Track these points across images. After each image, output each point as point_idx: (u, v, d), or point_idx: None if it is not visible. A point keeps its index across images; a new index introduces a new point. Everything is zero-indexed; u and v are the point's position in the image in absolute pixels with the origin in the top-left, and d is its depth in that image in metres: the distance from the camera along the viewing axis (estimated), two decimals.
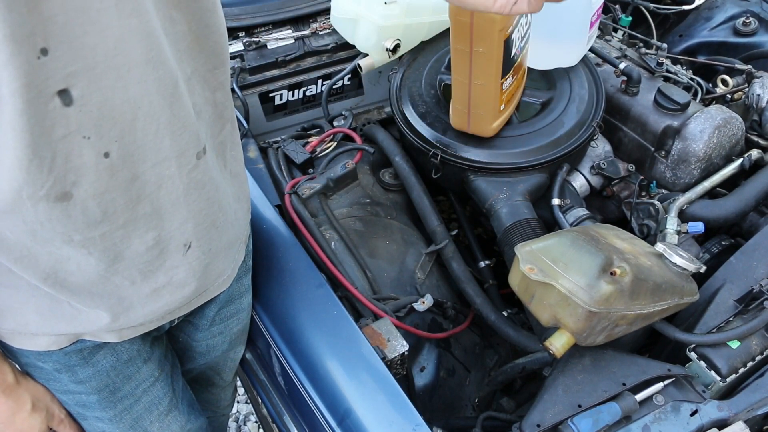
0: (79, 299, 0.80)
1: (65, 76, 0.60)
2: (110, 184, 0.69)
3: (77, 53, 0.60)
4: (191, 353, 1.13)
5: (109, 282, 0.79)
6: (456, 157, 1.34)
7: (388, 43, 1.56)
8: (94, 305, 0.81)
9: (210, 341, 1.10)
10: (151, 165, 0.72)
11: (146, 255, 0.79)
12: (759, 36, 1.71)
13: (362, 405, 0.94)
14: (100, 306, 0.82)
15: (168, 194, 0.76)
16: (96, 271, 0.76)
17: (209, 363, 1.17)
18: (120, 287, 0.80)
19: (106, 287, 0.79)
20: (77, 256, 0.74)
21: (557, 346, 0.94)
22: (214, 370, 1.21)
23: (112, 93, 0.64)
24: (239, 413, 2.08)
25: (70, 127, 0.63)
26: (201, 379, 1.24)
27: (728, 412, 0.95)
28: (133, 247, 0.77)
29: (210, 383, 1.26)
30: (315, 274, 1.09)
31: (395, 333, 1.09)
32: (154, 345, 1.00)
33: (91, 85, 0.62)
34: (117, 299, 0.82)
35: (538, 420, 0.92)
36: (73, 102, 0.62)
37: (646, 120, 1.39)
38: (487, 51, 1.18)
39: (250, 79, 1.66)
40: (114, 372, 0.93)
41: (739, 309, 1.05)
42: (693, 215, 1.29)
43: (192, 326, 1.07)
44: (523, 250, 0.99)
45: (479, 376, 1.38)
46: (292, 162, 1.49)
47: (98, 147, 0.66)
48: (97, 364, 0.91)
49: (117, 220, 0.73)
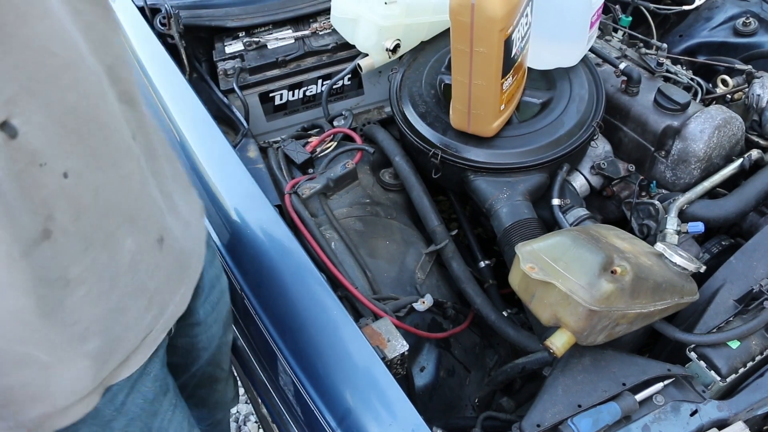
0: (98, 337, 0.75)
1: (1, 107, 0.55)
2: (79, 204, 0.66)
3: (6, 77, 0.56)
4: (195, 353, 1.13)
5: (115, 304, 0.76)
6: (456, 157, 1.34)
7: (388, 43, 1.56)
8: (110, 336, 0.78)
9: (209, 332, 1.10)
10: (110, 167, 0.69)
11: (132, 263, 0.76)
12: (759, 36, 1.71)
13: (362, 405, 0.94)
14: (112, 333, 0.78)
15: (132, 192, 0.74)
16: (101, 300, 0.73)
17: (210, 357, 1.16)
18: (124, 304, 0.77)
19: (115, 311, 0.76)
20: (80, 292, 0.70)
21: (558, 346, 0.94)
22: (214, 363, 1.20)
23: (51, 108, 0.60)
24: (239, 413, 2.08)
25: (25, 159, 0.58)
26: (204, 380, 1.23)
27: (728, 412, 0.95)
28: (120, 262, 0.74)
29: (213, 380, 1.26)
30: (315, 274, 1.09)
31: (395, 333, 1.08)
32: (166, 374, 0.98)
33: (30, 107, 0.58)
34: (122, 319, 0.79)
35: (538, 420, 0.91)
36: (18, 133, 0.57)
37: (646, 120, 1.39)
38: (488, 51, 1.18)
39: (250, 79, 1.66)
40: (144, 414, 0.91)
41: (739, 309, 1.05)
42: (693, 215, 1.29)
43: (190, 326, 1.06)
44: (523, 249, 0.99)
45: (479, 376, 1.38)
46: (292, 162, 1.49)
47: (56, 169, 0.62)
48: (129, 412, 0.88)
49: (98, 240, 0.70)
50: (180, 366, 1.13)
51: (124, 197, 0.73)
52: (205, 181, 1.26)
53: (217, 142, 1.30)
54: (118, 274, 0.75)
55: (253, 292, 1.12)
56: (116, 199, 0.72)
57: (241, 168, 1.24)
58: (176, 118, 1.37)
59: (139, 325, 0.82)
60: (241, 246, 1.17)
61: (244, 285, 1.13)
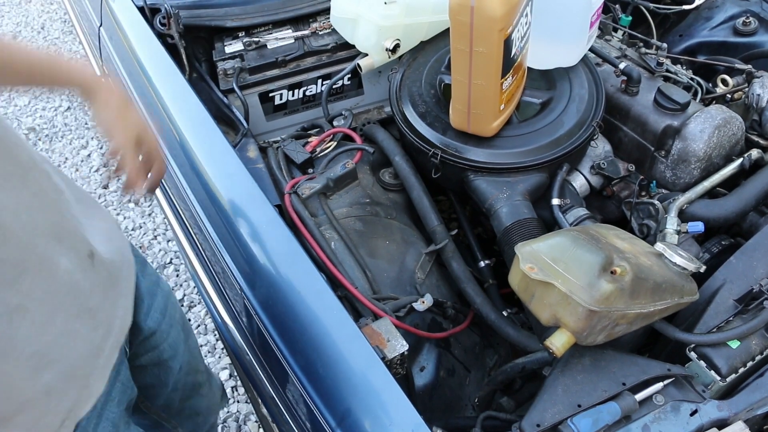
0: (54, 366, 0.75)
1: None
2: (1, 228, 0.65)
3: None
4: (164, 365, 1.12)
5: (63, 328, 0.75)
6: (456, 157, 1.34)
7: (388, 43, 1.56)
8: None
9: (168, 339, 1.10)
10: (20, 186, 0.68)
11: (71, 284, 0.75)
12: (759, 36, 1.71)
13: (362, 405, 0.94)
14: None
15: (51, 209, 0.73)
16: (47, 326, 0.72)
17: (185, 366, 1.15)
18: (71, 327, 0.77)
19: (64, 336, 0.75)
20: (26, 322, 0.70)
21: (557, 346, 0.94)
22: (191, 371, 1.20)
23: None
24: (239, 413, 2.08)
25: None
26: (188, 390, 1.22)
27: (728, 412, 0.94)
28: (58, 283, 0.73)
29: (197, 386, 1.25)
30: (315, 273, 1.09)
31: (395, 333, 1.08)
32: (129, 394, 0.98)
33: None
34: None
35: (537, 420, 0.91)
36: None
37: (646, 120, 1.39)
38: (487, 51, 1.18)
39: (250, 78, 1.66)
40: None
41: (739, 309, 1.05)
42: (693, 215, 1.29)
43: (145, 340, 1.06)
44: (523, 249, 0.99)
45: (479, 376, 1.38)
46: (292, 162, 1.49)
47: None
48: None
49: (31, 264, 0.69)
50: (156, 386, 1.12)
51: (43, 215, 0.72)
52: (205, 181, 1.26)
53: (217, 142, 1.30)
54: (59, 296, 0.73)
55: (252, 293, 1.12)
56: (38, 218, 0.70)
57: (241, 168, 1.24)
58: (176, 118, 1.37)
59: (89, 346, 0.81)
60: (241, 246, 1.17)
61: (244, 285, 1.13)
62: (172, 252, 2.63)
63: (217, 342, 2.28)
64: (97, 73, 0.82)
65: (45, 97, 3.52)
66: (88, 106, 0.95)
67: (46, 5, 4.37)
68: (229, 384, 2.15)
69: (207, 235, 1.23)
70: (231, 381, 2.16)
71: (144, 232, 2.72)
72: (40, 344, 0.72)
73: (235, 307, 1.20)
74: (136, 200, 0.98)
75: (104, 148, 3.15)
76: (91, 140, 3.21)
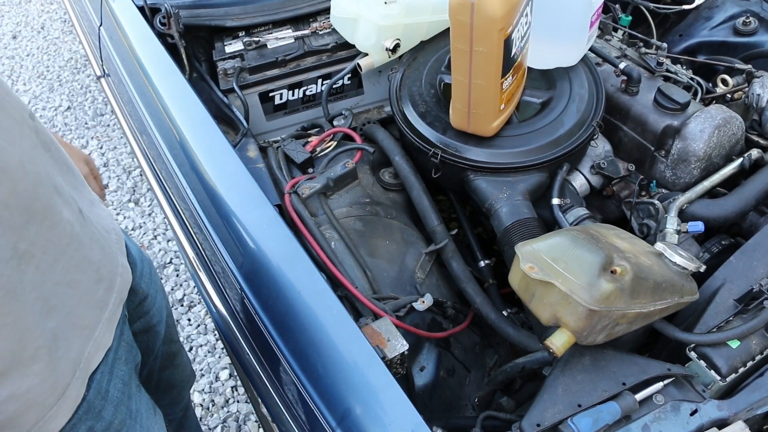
0: (56, 312, 0.78)
1: None
2: (9, 175, 0.68)
3: None
4: (153, 331, 1.16)
5: (62, 277, 0.78)
6: (456, 157, 1.34)
7: (388, 43, 1.56)
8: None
9: (156, 303, 1.14)
10: (16, 139, 0.71)
11: (72, 235, 0.78)
12: (759, 35, 1.71)
13: (362, 405, 0.94)
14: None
15: (43, 163, 0.75)
16: (49, 274, 0.75)
17: (165, 334, 1.20)
18: (72, 277, 0.79)
19: (64, 285, 0.78)
20: (31, 268, 0.73)
21: (557, 345, 0.94)
22: (168, 339, 1.25)
23: None
24: (239, 413, 2.08)
25: None
26: (165, 360, 1.26)
27: (728, 412, 0.94)
28: (61, 233, 0.76)
29: (172, 356, 1.30)
30: (315, 273, 1.09)
31: (395, 332, 1.08)
32: (134, 354, 1.00)
33: None
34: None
35: (537, 419, 0.91)
36: None
37: (646, 119, 1.39)
38: (487, 51, 1.18)
39: (250, 78, 1.66)
40: (124, 397, 0.92)
41: (739, 308, 1.05)
42: (693, 215, 1.29)
43: (140, 303, 1.09)
44: (523, 249, 0.99)
45: (479, 376, 1.38)
46: (292, 161, 1.49)
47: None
48: (113, 398, 0.89)
49: (37, 212, 0.71)
50: (145, 353, 1.15)
51: (42, 167, 0.74)
52: (205, 181, 1.26)
53: (217, 142, 1.30)
54: (61, 246, 0.76)
55: (253, 292, 1.12)
56: (39, 169, 0.73)
57: (241, 168, 1.24)
58: (176, 118, 1.37)
59: (93, 298, 0.84)
60: (241, 246, 1.17)
61: (244, 285, 1.13)
62: (172, 252, 2.63)
63: (217, 342, 2.28)
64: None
65: (45, 96, 3.52)
66: None
67: (46, 5, 4.37)
68: (229, 384, 2.15)
69: (207, 235, 1.23)
70: (231, 381, 2.16)
71: (144, 232, 2.72)
72: (43, 290, 0.74)
73: (235, 307, 1.20)
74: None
75: (103, 148, 3.15)
76: (91, 140, 3.21)
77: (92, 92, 3.55)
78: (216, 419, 2.06)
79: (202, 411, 2.09)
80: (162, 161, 1.42)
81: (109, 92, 1.95)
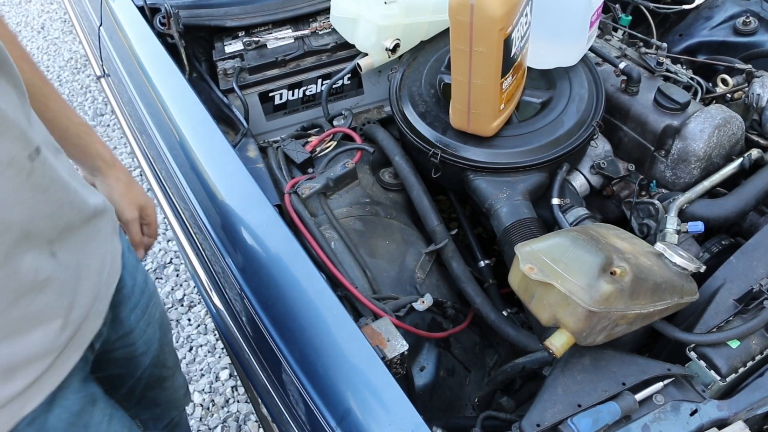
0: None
1: None
2: None
3: None
4: (135, 360, 1.13)
5: (15, 325, 0.76)
6: (456, 157, 1.34)
7: (388, 43, 1.56)
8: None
9: (144, 336, 1.11)
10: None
11: (34, 282, 0.76)
12: (759, 35, 1.71)
13: (362, 405, 0.94)
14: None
15: (17, 202, 0.73)
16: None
17: (153, 359, 1.17)
18: (26, 326, 0.77)
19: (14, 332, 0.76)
20: None
21: (557, 346, 0.94)
22: (158, 364, 1.21)
23: None
24: (239, 413, 2.08)
25: None
26: (152, 381, 1.23)
27: (728, 412, 0.94)
28: (19, 281, 0.74)
29: (161, 379, 1.26)
30: (315, 273, 1.09)
31: (395, 332, 1.08)
32: (91, 385, 0.97)
33: None
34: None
35: (537, 419, 0.91)
36: None
37: (646, 119, 1.39)
38: (487, 50, 1.18)
39: (250, 78, 1.66)
40: (73, 428, 0.89)
41: (739, 308, 1.05)
42: (693, 215, 1.29)
43: (124, 336, 1.06)
44: (523, 249, 0.99)
45: (479, 376, 1.38)
46: (291, 161, 1.49)
47: None
48: (55, 428, 0.86)
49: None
50: (123, 376, 1.13)
51: (15, 212, 0.72)
52: (205, 181, 1.26)
53: (217, 142, 1.30)
54: (19, 293, 0.74)
55: (253, 292, 1.12)
56: (7, 215, 0.70)
57: (241, 168, 1.24)
58: (176, 118, 1.37)
59: (49, 346, 0.81)
60: (241, 246, 1.17)
61: (244, 285, 1.13)
62: (172, 252, 2.63)
63: (217, 342, 2.28)
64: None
65: None
66: (99, 180, 1.09)
67: (46, 5, 4.37)
68: (229, 384, 2.16)
69: (207, 235, 1.23)
70: (231, 381, 2.16)
71: None
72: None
73: (235, 307, 1.20)
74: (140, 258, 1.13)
75: None
76: None
77: (92, 92, 3.55)
78: (216, 419, 2.06)
79: (202, 411, 2.09)
80: (162, 161, 1.42)
81: (109, 92, 1.95)
